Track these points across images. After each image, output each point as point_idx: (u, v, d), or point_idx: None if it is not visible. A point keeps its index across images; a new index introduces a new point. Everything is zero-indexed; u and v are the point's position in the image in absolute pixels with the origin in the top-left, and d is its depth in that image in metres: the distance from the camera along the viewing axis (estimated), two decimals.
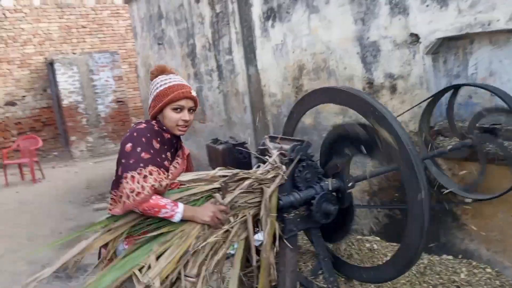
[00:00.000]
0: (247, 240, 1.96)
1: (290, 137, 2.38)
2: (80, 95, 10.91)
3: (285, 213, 2.08)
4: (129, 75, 12.91)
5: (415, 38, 2.81)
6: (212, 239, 1.85)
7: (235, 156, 4.21)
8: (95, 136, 11.25)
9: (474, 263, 2.61)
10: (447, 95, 2.59)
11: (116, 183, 1.82)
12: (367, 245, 2.85)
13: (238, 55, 5.04)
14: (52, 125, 11.78)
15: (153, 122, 1.91)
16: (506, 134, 2.37)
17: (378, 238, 3.00)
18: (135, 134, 1.80)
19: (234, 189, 1.95)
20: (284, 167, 2.06)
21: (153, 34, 7.78)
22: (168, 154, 1.90)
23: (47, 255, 4.55)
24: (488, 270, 2.52)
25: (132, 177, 1.71)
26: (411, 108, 2.71)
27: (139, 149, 1.75)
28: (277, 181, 2.02)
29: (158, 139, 1.84)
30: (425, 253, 2.73)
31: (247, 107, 5.12)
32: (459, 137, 2.55)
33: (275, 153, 2.14)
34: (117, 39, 12.78)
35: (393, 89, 3.04)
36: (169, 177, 1.84)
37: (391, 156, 1.95)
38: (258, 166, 2.15)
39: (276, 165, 2.07)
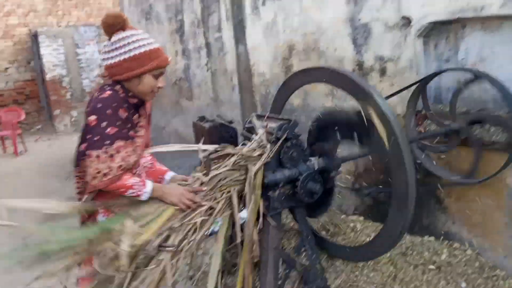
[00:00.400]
0: (231, 217, 1.95)
1: (277, 116, 2.36)
2: (64, 68, 10.67)
3: (270, 191, 2.08)
4: None
5: (407, 21, 2.79)
6: (195, 219, 1.82)
7: (222, 135, 4.20)
8: (80, 111, 11.04)
9: (455, 245, 2.66)
10: (436, 78, 2.59)
11: (78, 159, 1.70)
12: (351, 224, 2.88)
13: (227, 33, 4.96)
14: (35, 98, 11.54)
15: (117, 87, 1.73)
16: (492, 119, 2.39)
17: (361, 218, 3.02)
18: (99, 105, 1.64)
19: (218, 166, 1.92)
20: (270, 145, 2.05)
21: (140, 8, 7.61)
22: (134, 120, 1.77)
23: (29, 229, 4.51)
24: (469, 252, 2.57)
25: (98, 156, 1.61)
26: (400, 91, 2.70)
27: (104, 123, 1.61)
28: (263, 159, 2.01)
29: (125, 105, 1.70)
30: (408, 233, 2.77)
31: (235, 86, 5.06)
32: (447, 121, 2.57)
33: (261, 131, 2.12)
34: (103, 13, 12.40)
35: (382, 71, 3.03)
36: (137, 148, 1.74)
37: (380, 143, 1.94)
38: (244, 144, 2.13)
39: (262, 143, 2.06)
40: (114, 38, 1.71)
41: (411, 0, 2.71)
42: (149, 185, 1.75)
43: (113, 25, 1.70)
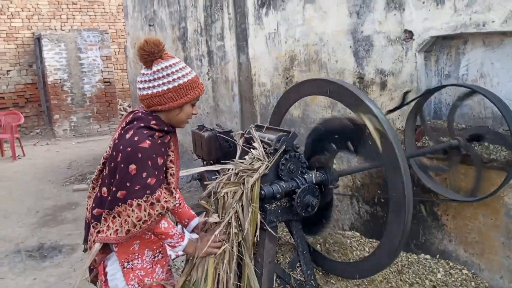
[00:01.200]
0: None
1: (276, 127, 2.33)
2: (66, 72, 10.69)
3: (266, 204, 2.05)
4: (118, 55, 12.70)
5: (409, 35, 2.78)
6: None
7: (220, 144, 4.18)
8: (80, 116, 11.05)
9: (451, 264, 2.62)
10: (436, 94, 2.58)
11: (113, 205, 1.65)
12: (347, 240, 2.84)
13: (230, 41, 4.96)
14: (35, 102, 11.54)
15: (153, 122, 1.69)
16: (491, 136, 2.37)
17: (358, 234, 2.98)
18: (139, 155, 1.59)
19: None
20: (268, 157, 2.03)
21: (144, 15, 7.64)
22: (168, 156, 1.77)
23: (23, 234, 4.47)
24: (465, 271, 2.53)
25: (139, 205, 1.60)
26: (399, 107, 2.68)
27: (144, 174, 1.60)
28: (260, 171, 1.99)
29: (162, 149, 1.70)
30: (404, 251, 2.73)
31: (235, 95, 5.06)
32: (446, 138, 2.55)
33: (259, 142, 2.11)
34: (107, 18, 12.54)
35: (383, 85, 3.01)
36: (173, 189, 1.78)
37: (377, 153, 1.92)
38: (242, 156, 2.11)
39: (259, 155, 2.04)
40: (155, 68, 1.67)
41: (414, 14, 2.70)
42: (186, 239, 1.82)
43: (153, 53, 1.66)
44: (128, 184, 1.60)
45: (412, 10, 2.71)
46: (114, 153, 1.65)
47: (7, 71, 11.09)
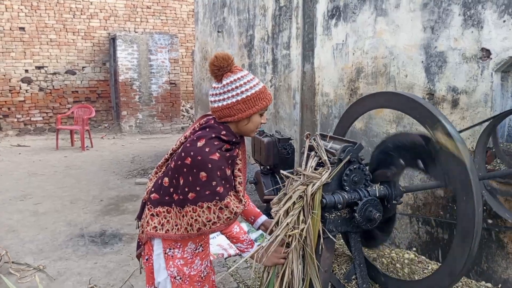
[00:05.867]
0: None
1: (341, 137, 2.34)
2: (136, 72, 11.27)
3: (326, 213, 2.05)
4: (185, 59, 13.19)
5: (486, 54, 2.68)
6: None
7: (279, 151, 4.21)
8: (145, 114, 11.59)
9: None
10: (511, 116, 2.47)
11: (182, 202, 1.74)
12: (404, 259, 2.77)
13: (295, 50, 5.01)
14: (106, 98, 12.23)
15: (223, 133, 1.77)
16: None
17: (416, 254, 2.90)
18: (210, 165, 1.68)
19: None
20: (331, 166, 2.03)
21: (213, 21, 7.88)
22: (236, 165, 1.87)
23: (87, 219, 4.75)
24: None
25: (208, 207, 1.71)
26: (472, 126, 2.59)
27: (214, 183, 1.70)
28: (323, 179, 2.00)
29: (230, 161, 1.79)
30: (464, 276, 2.62)
31: (297, 104, 5.09)
32: None
33: (323, 151, 2.11)
34: (178, 23, 13.06)
35: (454, 103, 2.92)
36: (243, 201, 1.85)
37: (448, 175, 1.87)
38: (305, 163, 2.13)
39: (323, 164, 2.05)
40: (225, 81, 1.76)
41: (493, 32, 2.61)
42: (255, 247, 1.92)
43: (222, 68, 1.76)
44: (198, 189, 1.69)
45: (491, 28, 2.62)
46: (183, 154, 1.72)
47: (83, 67, 11.85)
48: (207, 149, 1.69)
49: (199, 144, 1.71)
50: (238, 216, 1.81)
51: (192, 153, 1.70)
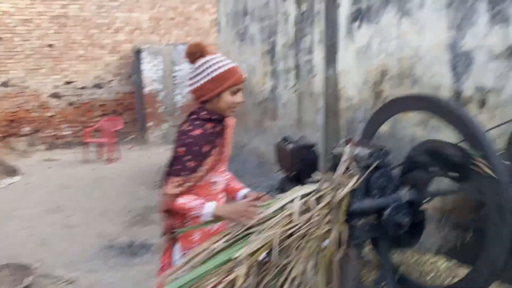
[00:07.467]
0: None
1: (368, 143, 2.28)
2: (161, 84, 11.43)
3: (354, 219, 2.00)
4: None
5: None
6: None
7: (304, 157, 4.17)
8: (169, 124, 11.72)
9: None
10: None
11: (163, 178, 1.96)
12: (432, 265, 2.68)
13: (318, 55, 4.98)
14: (132, 110, 12.44)
15: (203, 113, 1.91)
16: None
17: (444, 259, 2.80)
18: (189, 140, 1.85)
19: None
20: (359, 172, 1.99)
21: (236, 30, 7.93)
22: (212, 146, 1.92)
23: (116, 231, 4.82)
24: None
25: (172, 182, 1.86)
26: (501, 124, 2.49)
27: (189, 157, 1.84)
28: (350, 185, 1.95)
29: (209, 139, 1.89)
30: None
31: (320, 109, 5.04)
32: None
33: (351, 157, 2.07)
34: (200, 33, 13.20)
35: (482, 103, 2.83)
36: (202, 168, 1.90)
37: (480, 190, 1.81)
38: (332, 169, 2.09)
39: (351, 170, 2.01)
40: (195, 65, 1.91)
41: None
42: (209, 206, 1.87)
43: (194, 53, 1.92)
44: (173, 163, 1.89)
45: None
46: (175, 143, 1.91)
47: (109, 80, 12.11)
48: (188, 126, 1.89)
49: (184, 126, 1.92)
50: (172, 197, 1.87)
51: (179, 136, 1.91)
